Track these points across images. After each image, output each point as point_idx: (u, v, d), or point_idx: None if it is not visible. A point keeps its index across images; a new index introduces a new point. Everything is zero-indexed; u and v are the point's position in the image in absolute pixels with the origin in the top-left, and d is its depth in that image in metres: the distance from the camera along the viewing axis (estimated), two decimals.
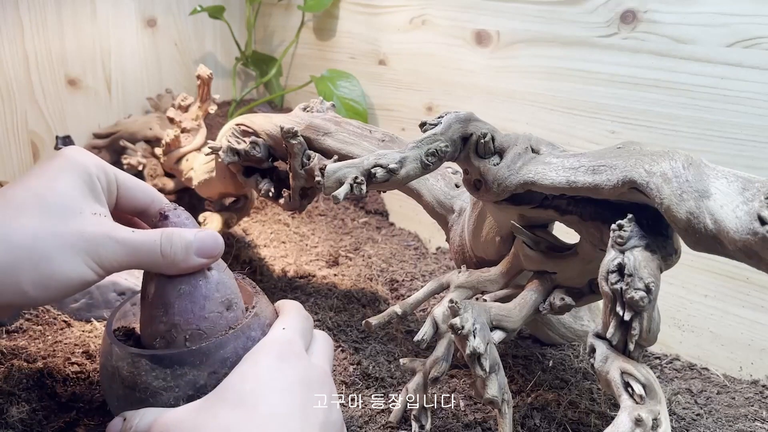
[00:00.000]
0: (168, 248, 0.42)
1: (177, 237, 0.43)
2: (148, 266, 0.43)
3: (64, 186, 0.42)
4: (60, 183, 0.42)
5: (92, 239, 0.41)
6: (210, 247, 0.43)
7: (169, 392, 0.41)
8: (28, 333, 0.60)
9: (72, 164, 0.44)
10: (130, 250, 0.42)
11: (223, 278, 0.45)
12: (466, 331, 0.43)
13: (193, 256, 0.43)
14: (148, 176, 0.95)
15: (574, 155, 0.45)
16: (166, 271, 0.43)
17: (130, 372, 0.41)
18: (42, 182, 0.42)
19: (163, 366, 0.41)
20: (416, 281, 0.79)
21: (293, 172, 0.62)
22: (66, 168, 0.44)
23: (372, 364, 0.60)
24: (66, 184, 0.42)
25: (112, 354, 0.43)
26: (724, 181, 0.37)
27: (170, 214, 0.46)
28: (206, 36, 1.15)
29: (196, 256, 0.43)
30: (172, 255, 0.42)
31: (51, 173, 0.43)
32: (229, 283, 0.45)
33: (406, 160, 0.46)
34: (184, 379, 0.41)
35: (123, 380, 0.42)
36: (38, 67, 0.92)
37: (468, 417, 0.54)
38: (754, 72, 0.62)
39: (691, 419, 0.55)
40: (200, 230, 0.44)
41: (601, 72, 0.73)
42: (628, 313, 0.39)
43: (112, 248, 0.41)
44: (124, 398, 0.42)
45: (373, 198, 1.03)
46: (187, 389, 0.41)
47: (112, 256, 0.41)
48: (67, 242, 0.40)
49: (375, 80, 1.00)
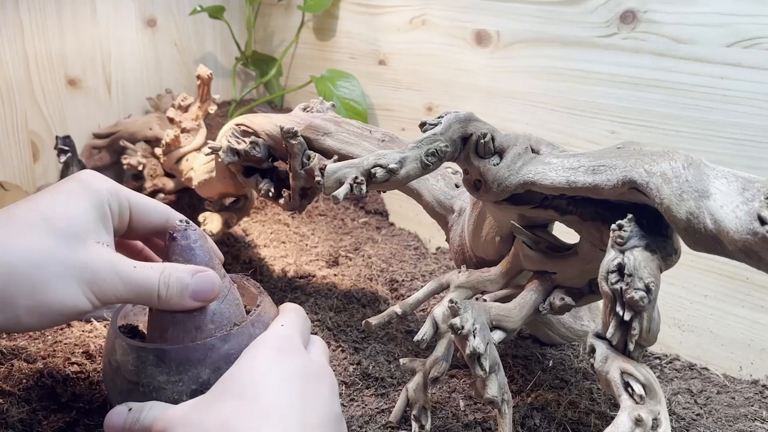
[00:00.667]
0: (164, 291, 0.42)
1: (174, 280, 0.43)
2: (144, 303, 0.43)
3: (73, 211, 0.42)
4: (69, 208, 0.42)
5: (96, 271, 0.40)
6: (205, 292, 0.44)
7: (172, 387, 0.41)
8: (28, 333, 0.60)
9: (84, 189, 0.44)
10: (130, 287, 0.42)
11: (220, 309, 0.45)
12: (466, 331, 0.43)
13: (188, 299, 0.43)
14: (148, 176, 0.95)
15: (574, 155, 0.45)
16: (162, 308, 0.43)
17: (135, 366, 0.42)
18: (51, 204, 0.42)
19: (167, 360, 0.41)
20: (416, 281, 0.79)
21: (293, 172, 0.62)
22: (77, 193, 0.43)
23: (372, 364, 0.60)
24: (75, 209, 0.42)
25: (116, 349, 0.43)
26: (724, 181, 0.37)
27: (178, 235, 0.46)
28: (206, 36, 1.15)
29: (191, 299, 0.43)
30: (168, 298, 0.42)
31: (62, 197, 0.43)
32: (228, 313, 0.45)
33: (406, 160, 0.46)
34: (187, 374, 0.41)
35: (127, 375, 0.42)
36: (38, 67, 0.92)
37: (468, 417, 0.54)
38: (754, 72, 0.62)
39: (691, 419, 0.55)
40: (198, 271, 0.44)
41: (601, 72, 0.73)
42: (628, 313, 0.39)
43: (112, 281, 0.41)
44: (127, 393, 0.42)
45: (373, 198, 1.03)
46: (191, 384, 0.41)
47: (112, 289, 0.41)
48: (69, 271, 0.39)
49: (375, 80, 1.00)
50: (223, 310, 0.45)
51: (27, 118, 0.92)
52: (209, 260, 0.46)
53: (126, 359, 0.43)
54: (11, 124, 0.91)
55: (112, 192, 0.45)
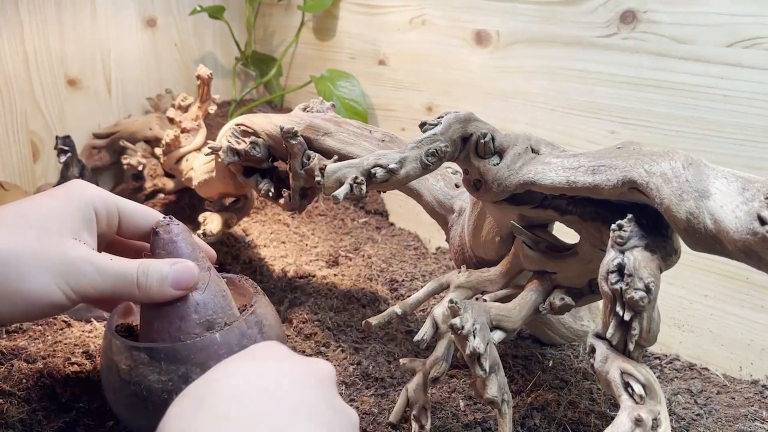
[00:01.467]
0: (144, 280, 0.43)
1: (153, 269, 0.43)
2: (123, 295, 0.44)
3: (52, 209, 0.43)
4: (48, 208, 0.43)
5: (70, 262, 0.41)
6: (185, 280, 0.44)
7: (163, 386, 0.41)
8: (28, 333, 0.60)
9: (70, 193, 0.45)
10: (107, 277, 0.42)
11: (204, 299, 0.45)
12: (466, 331, 0.43)
13: (168, 288, 0.43)
14: (148, 176, 0.95)
15: (574, 155, 0.45)
16: (141, 300, 0.44)
17: (127, 365, 0.42)
18: (31, 205, 0.43)
19: (156, 358, 0.42)
20: (416, 281, 0.79)
21: (293, 172, 0.62)
22: (61, 195, 0.44)
23: (372, 364, 0.60)
24: (54, 208, 0.43)
25: (111, 347, 0.44)
26: (724, 181, 0.37)
27: (160, 230, 0.47)
28: (206, 36, 1.15)
29: (172, 288, 0.43)
30: (147, 287, 0.43)
31: (45, 198, 0.44)
32: (212, 303, 0.46)
33: (406, 160, 0.46)
34: (177, 373, 0.42)
35: (120, 373, 0.43)
36: (38, 67, 0.92)
37: (468, 417, 0.54)
38: (754, 72, 0.62)
39: (691, 419, 0.55)
40: (176, 262, 0.45)
41: (601, 72, 0.73)
42: (628, 313, 0.39)
43: (88, 273, 0.41)
44: (120, 391, 0.43)
45: (373, 198, 1.03)
46: (180, 383, 0.41)
47: (88, 281, 0.41)
48: (44, 262, 0.40)
49: (375, 80, 1.00)
50: (206, 301, 0.45)
51: (27, 118, 0.92)
52: (192, 252, 0.46)
53: (119, 357, 0.43)
54: (11, 123, 0.91)
55: (99, 198, 0.46)
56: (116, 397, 0.44)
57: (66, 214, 0.43)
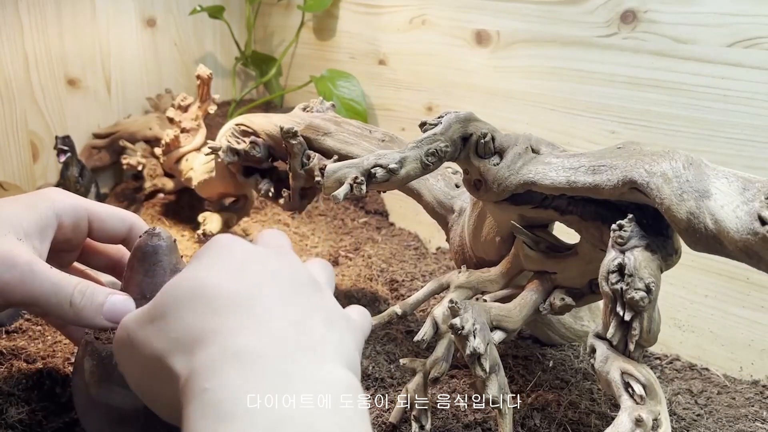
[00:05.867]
0: (78, 299, 0.41)
1: (90, 293, 0.41)
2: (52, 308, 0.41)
3: (7, 212, 0.42)
4: (5, 209, 0.42)
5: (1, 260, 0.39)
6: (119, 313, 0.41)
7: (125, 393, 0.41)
8: (27, 333, 0.60)
9: (35, 198, 0.44)
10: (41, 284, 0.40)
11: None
12: (466, 331, 0.43)
13: (101, 318, 0.41)
14: (148, 176, 0.95)
15: (574, 155, 0.45)
16: (70, 320, 0.41)
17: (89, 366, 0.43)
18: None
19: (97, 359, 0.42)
20: (416, 281, 0.79)
21: (293, 172, 0.62)
22: (24, 200, 0.44)
23: (372, 364, 0.60)
24: (11, 210, 0.42)
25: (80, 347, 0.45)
26: (725, 181, 0.37)
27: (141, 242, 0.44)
28: (206, 36, 1.14)
29: (103, 317, 0.41)
30: (81, 307, 0.41)
31: (8, 201, 0.44)
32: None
33: (406, 160, 0.46)
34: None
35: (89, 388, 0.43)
36: (38, 67, 0.92)
37: (468, 417, 0.54)
38: (754, 72, 0.62)
39: (692, 419, 0.55)
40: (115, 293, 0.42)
41: (601, 72, 0.73)
42: (629, 314, 0.39)
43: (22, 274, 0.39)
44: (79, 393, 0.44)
45: (373, 198, 1.03)
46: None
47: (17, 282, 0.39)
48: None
49: (375, 80, 1.00)
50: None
51: (27, 118, 0.92)
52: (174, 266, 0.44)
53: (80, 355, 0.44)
54: (11, 124, 0.90)
55: (66, 204, 0.45)
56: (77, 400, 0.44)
57: (20, 217, 0.42)
